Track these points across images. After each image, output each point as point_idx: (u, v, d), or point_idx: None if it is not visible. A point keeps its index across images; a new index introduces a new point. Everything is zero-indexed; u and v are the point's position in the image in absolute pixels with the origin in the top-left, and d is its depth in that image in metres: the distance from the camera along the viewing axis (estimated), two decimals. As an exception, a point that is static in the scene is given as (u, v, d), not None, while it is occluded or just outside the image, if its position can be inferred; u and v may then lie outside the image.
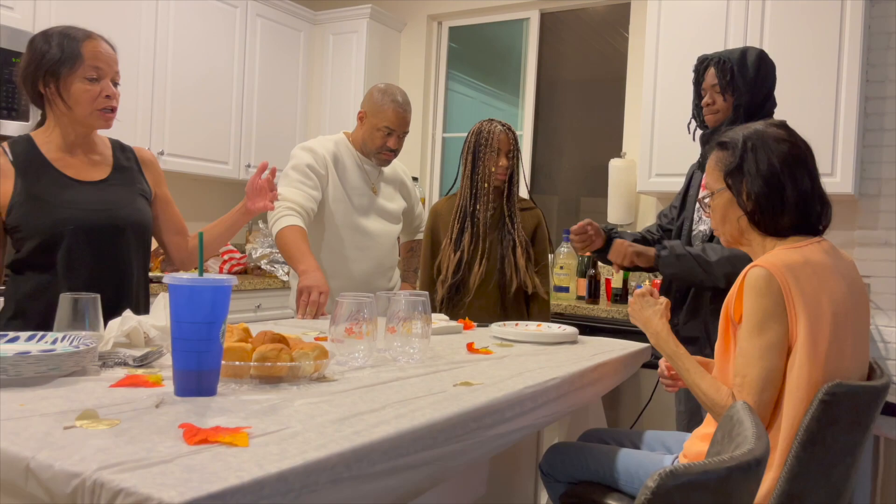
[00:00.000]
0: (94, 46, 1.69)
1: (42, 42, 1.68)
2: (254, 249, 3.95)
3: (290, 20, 4.22)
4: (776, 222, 1.48)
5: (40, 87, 1.68)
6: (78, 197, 1.71)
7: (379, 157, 2.51)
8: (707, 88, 2.19)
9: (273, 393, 1.16)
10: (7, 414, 0.95)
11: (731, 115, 2.14)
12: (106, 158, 1.82)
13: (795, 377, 1.35)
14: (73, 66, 1.66)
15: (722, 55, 2.17)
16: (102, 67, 1.70)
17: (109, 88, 1.72)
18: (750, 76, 2.12)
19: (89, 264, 1.71)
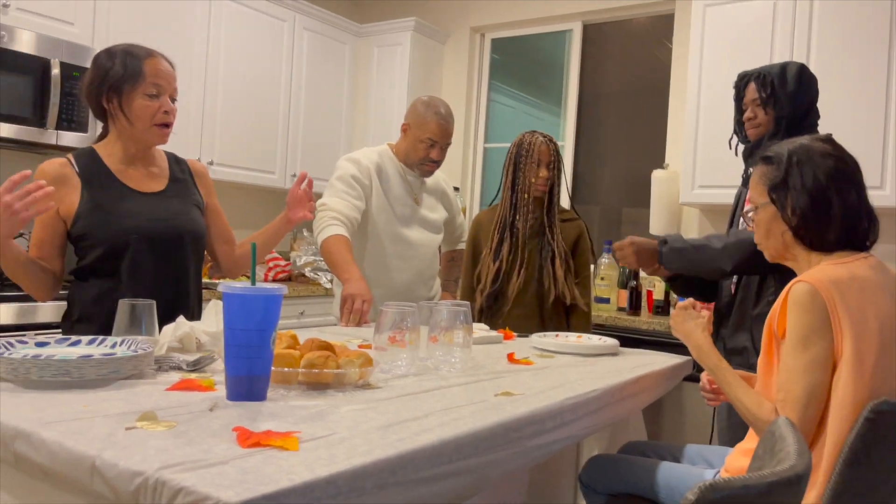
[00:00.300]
0: (154, 64, 1.77)
1: (106, 59, 1.76)
2: (298, 257, 4.03)
3: (336, 33, 4.31)
4: (822, 237, 1.47)
5: (104, 101, 1.76)
6: (140, 207, 1.79)
7: (422, 168, 2.55)
8: (748, 103, 2.19)
9: (320, 399, 1.20)
10: (73, 414, 1.01)
11: (773, 129, 2.13)
12: (163, 171, 1.90)
13: (840, 394, 1.34)
14: (135, 83, 1.74)
15: (762, 70, 2.18)
16: (162, 84, 1.78)
17: (167, 105, 1.79)
18: (790, 89, 2.11)
19: (151, 272, 1.78)
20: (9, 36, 2.74)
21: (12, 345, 1.32)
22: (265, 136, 3.93)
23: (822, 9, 3.08)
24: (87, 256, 1.76)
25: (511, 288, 2.44)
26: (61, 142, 2.90)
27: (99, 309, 1.75)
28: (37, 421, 0.96)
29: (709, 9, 3.34)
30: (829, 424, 1.34)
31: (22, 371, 1.15)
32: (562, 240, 2.47)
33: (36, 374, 1.15)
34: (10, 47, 2.73)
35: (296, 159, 4.11)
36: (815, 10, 3.09)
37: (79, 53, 2.93)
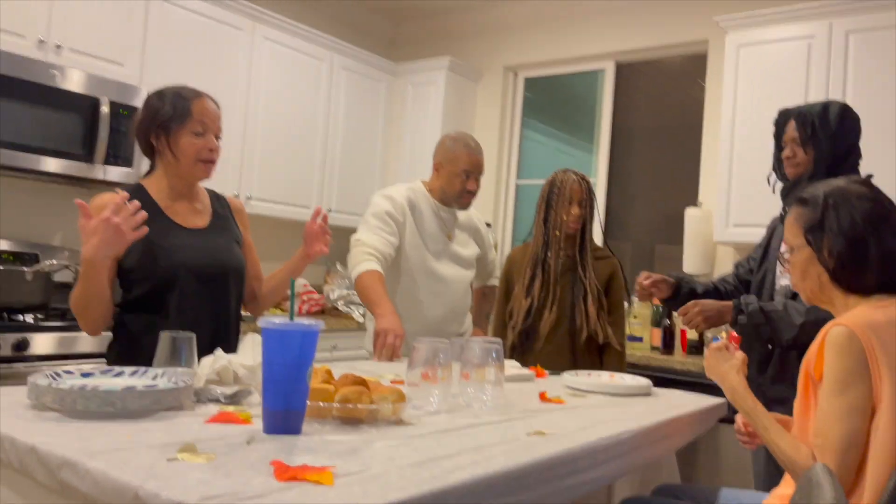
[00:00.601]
0: (201, 104, 1.86)
1: (157, 100, 1.86)
2: (331, 290, 4.07)
3: (372, 72, 4.41)
4: (859, 280, 1.46)
5: (152, 139, 1.85)
6: (187, 243, 1.85)
7: (460, 201, 2.59)
8: (788, 141, 2.17)
9: (354, 434, 1.22)
10: (116, 445, 1.04)
11: (812, 169, 2.11)
12: (206, 207, 1.97)
13: (880, 440, 1.32)
14: (183, 122, 1.83)
15: (803, 109, 2.16)
16: (208, 123, 1.86)
17: (212, 142, 1.87)
18: (831, 130, 2.10)
19: (197, 306, 1.83)
20: (61, 75, 2.87)
21: (59, 375, 1.36)
22: (302, 172, 4.01)
23: (856, 47, 3.08)
24: (135, 290, 1.81)
25: (542, 325, 2.44)
26: (108, 177, 3.00)
27: (145, 341, 1.78)
28: (82, 450, 0.99)
29: (742, 49, 3.36)
30: (868, 471, 1.31)
31: (68, 401, 1.19)
32: (594, 277, 2.47)
33: (81, 405, 1.19)
34: (62, 86, 2.86)
35: (331, 194, 4.19)
36: (851, 49, 3.09)
37: (127, 92, 3.05)
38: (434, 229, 2.59)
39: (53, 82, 2.84)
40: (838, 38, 3.12)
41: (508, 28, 4.57)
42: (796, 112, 2.16)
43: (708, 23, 3.72)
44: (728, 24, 3.40)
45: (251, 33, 3.69)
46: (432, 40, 4.89)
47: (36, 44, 2.85)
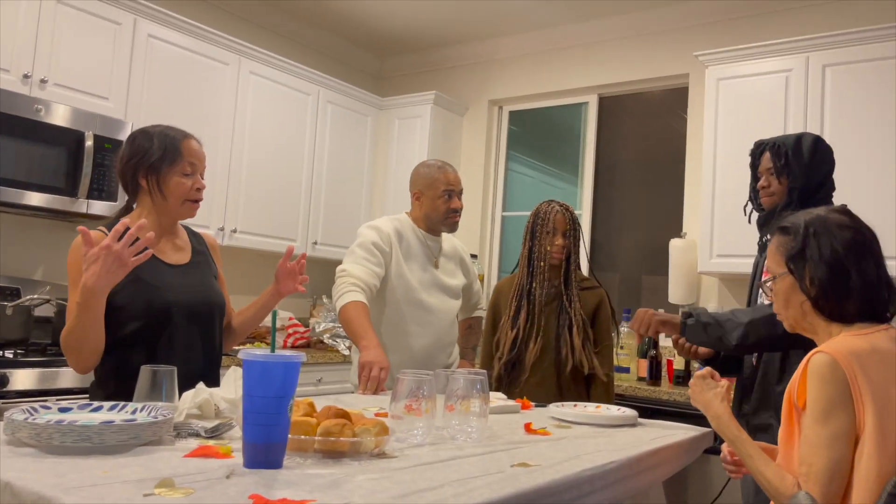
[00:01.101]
0: (189, 145, 1.88)
1: (144, 140, 1.85)
2: (317, 323, 4.05)
3: (358, 106, 4.45)
4: (841, 308, 1.47)
5: (140, 178, 1.84)
6: (173, 280, 1.84)
7: (447, 222, 2.61)
8: (763, 171, 2.22)
9: (336, 467, 1.20)
10: (92, 480, 1.02)
11: (787, 199, 2.15)
12: (186, 243, 1.97)
13: (864, 468, 1.31)
14: (174, 163, 1.84)
15: (777, 140, 2.21)
16: (196, 164, 1.88)
17: (200, 182, 1.89)
18: (805, 160, 2.14)
19: (188, 343, 1.83)
20: (45, 109, 2.87)
21: (36, 410, 1.34)
22: (288, 205, 4.02)
23: (833, 80, 3.15)
24: (123, 329, 1.77)
25: (528, 356, 2.44)
26: (91, 210, 2.99)
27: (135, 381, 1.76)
28: (58, 486, 0.97)
29: (722, 83, 3.42)
30: (853, 499, 1.31)
31: (44, 437, 1.17)
32: (580, 308, 2.47)
33: (58, 440, 1.17)
34: (46, 120, 2.86)
35: (317, 227, 4.19)
36: (828, 81, 3.15)
37: (111, 126, 3.06)
38: (421, 259, 2.60)
39: (38, 116, 2.84)
40: (815, 72, 3.19)
41: (493, 62, 4.64)
42: (771, 143, 2.21)
43: (688, 57, 3.79)
44: (708, 58, 3.47)
45: (237, 68, 3.72)
46: (418, 75, 4.95)
47: (20, 78, 2.86)
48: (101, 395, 1.79)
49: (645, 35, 4.06)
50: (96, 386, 1.84)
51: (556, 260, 2.48)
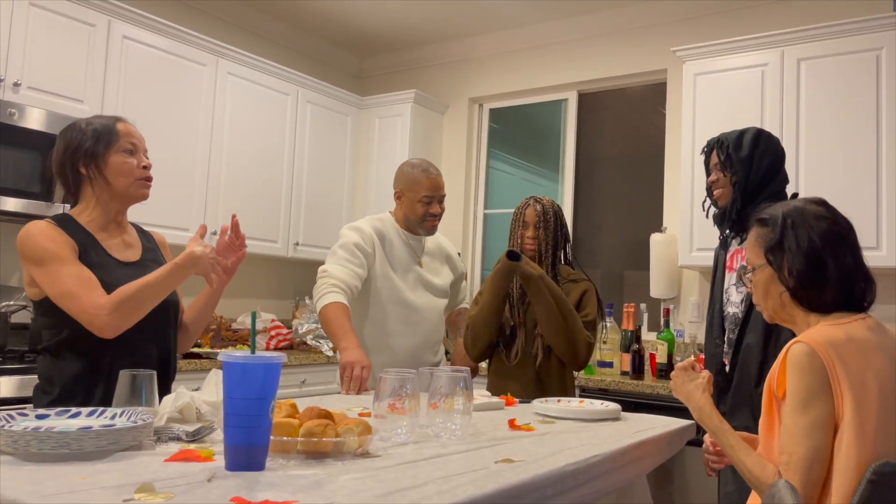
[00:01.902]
0: (125, 126, 1.82)
1: (75, 131, 1.79)
2: (300, 325, 4.03)
3: (338, 105, 4.44)
4: (819, 298, 1.49)
5: (80, 168, 1.77)
6: (125, 277, 1.74)
7: (424, 225, 2.60)
8: (712, 168, 2.27)
9: (319, 468, 1.20)
10: (70, 487, 1.00)
11: (733, 193, 2.19)
12: (135, 240, 1.89)
13: (844, 456, 1.33)
14: (110, 143, 1.77)
15: (722, 136, 2.25)
16: (136, 143, 1.81)
17: (144, 160, 1.82)
18: (744, 154, 2.18)
19: (139, 343, 1.75)
20: (19, 113, 2.83)
21: (13, 417, 1.32)
22: (268, 206, 4.00)
23: (808, 73, 3.18)
24: (68, 329, 1.69)
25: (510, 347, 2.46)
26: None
27: (84, 384, 1.70)
28: (35, 494, 0.96)
29: (699, 77, 3.45)
30: (833, 487, 1.32)
31: (22, 444, 1.15)
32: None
33: (35, 447, 1.15)
34: (20, 124, 2.82)
35: (298, 228, 4.17)
36: (803, 75, 3.19)
37: (88, 129, 3.02)
38: (404, 258, 2.59)
39: (12, 121, 2.80)
40: (790, 66, 3.22)
41: (473, 60, 4.64)
42: (716, 140, 2.26)
43: (666, 53, 3.82)
44: (685, 54, 3.49)
45: (214, 69, 3.69)
46: (398, 73, 4.94)
47: (-6, 82, 2.82)
48: (44, 400, 1.71)
49: (623, 31, 4.08)
50: (40, 391, 1.75)
51: (529, 251, 2.49)
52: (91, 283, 1.66)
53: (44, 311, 1.73)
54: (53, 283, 1.65)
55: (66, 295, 1.64)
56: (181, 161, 3.53)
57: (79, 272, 1.67)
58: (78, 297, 1.64)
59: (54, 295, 1.66)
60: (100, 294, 1.65)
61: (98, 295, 1.65)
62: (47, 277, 1.66)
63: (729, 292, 2.25)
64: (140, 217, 3.22)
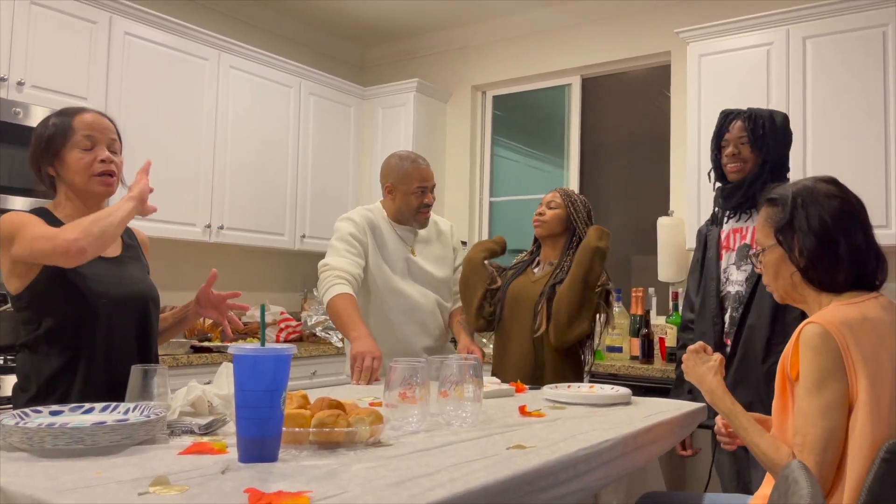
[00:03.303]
0: (83, 118, 1.75)
1: (41, 128, 1.76)
2: (309, 317, 4.04)
3: (340, 97, 4.42)
4: (831, 278, 1.48)
5: (47, 167, 1.74)
6: (104, 272, 1.73)
7: (418, 217, 2.60)
8: (732, 140, 2.19)
9: (331, 458, 1.20)
10: (85, 482, 1.01)
11: (757, 171, 2.15)
12: None
13: (858, 436, 1.33)
14: (66, 139, 1.72)
15: (752, 111, 2.19)
16: (95, 136, 1.74)
17: (104, 154, 1.74)
18: (780, 135, 2.16)
19: (123, 338, 1.73)
20: (24, 112, 2.83)
21: (27, 414, 1.33)
22: (274, 199, 4.00)
23: (814, 51, 3.15)
24: (46, 323, 1.67)
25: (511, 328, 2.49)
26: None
27: (62, 381, 1.67)
28: (51, 489, 0.96)
29: (703, 59, 3.42)
30: (847, 467, 1.32)
31: (36, 440, 1.16)
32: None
33: (50, 443, 1.16)
34: (25, 123, 2.82)
35: (304, 221, 4.17)
36: (809, 54, 3.16)
37: (92, 126, 3.02)
38: (395, 247, 2.59)
39: (17, 119, 2.81)
40: (796, 44, 3.19)
41: (475, 48, 4.62)
42: (747, 113, 2.19)
43: (669, 34, 3.78)
44: (689, 35, 3.46)
45: (216, 63, 3.68)
46: (400, 63, 4.92)
47: (-3, 82, 2.82)
48: (22, 398, 1.68)
49: (626, 14, 4.05)
50: (19, 389, 1.72)
51: (538, 228, 2.53)
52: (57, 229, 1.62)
53: (22, 306, 1.69)
54: (25, 238, 1.60)
55: (35, 238, 1.59)
56: (186, 156, 3.53)
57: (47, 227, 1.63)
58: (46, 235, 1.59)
59: (27, 248, 1.59)
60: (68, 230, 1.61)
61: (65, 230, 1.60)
62: (22, 240, 1.60)
63: (728, 271, 2.22)
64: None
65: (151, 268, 1.96)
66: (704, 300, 2.26)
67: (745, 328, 2.12)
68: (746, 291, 2.13)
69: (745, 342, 2.12)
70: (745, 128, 2.16)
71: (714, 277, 2.24)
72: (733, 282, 2.20)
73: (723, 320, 2.21)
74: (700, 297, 2.30)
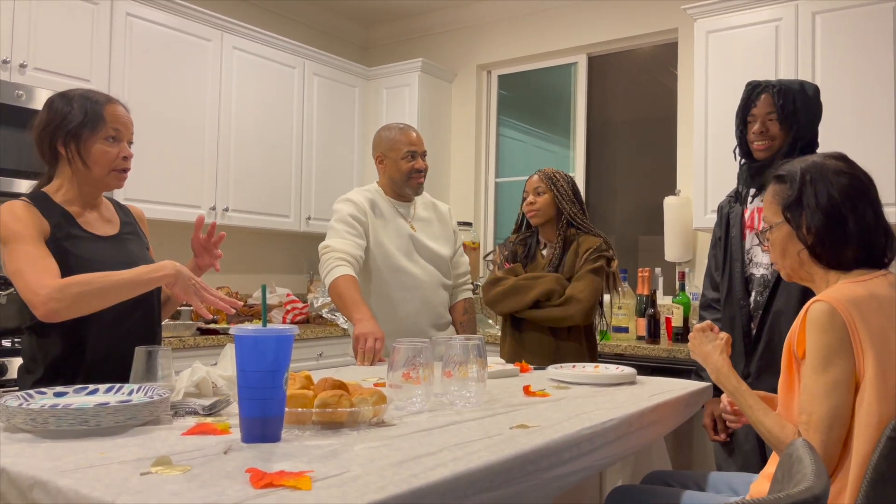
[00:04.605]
0: (114, 110, 1.74)
1: (63, 104, 1.71)
2: (315, 299, 4.04)
3: (345, 77, 4.40)
4: (838, 256, 1.46)
5: (59, 146, 1.71)
6: (104, 252, 1.73)
7: (410, 183, 2.59)
8: (759, 115, 2.05)
9: (334, 438, 1.20)
10: (89, 462, 1.01)
11: (787, 149, 2.01)
12: (113, 214, 1.86)
13: (865, 414, 1.32)
14: (95, 128, 1.70)
15: (782, 83, 2.05)
16: (121, 130, 1.74)
17: (126, 150, 1.76)
18: (812, 109, 2.03)
19: (118, 321, 1.72)
20: (27, 95, 2.83)
21: (31, 395, 1.33)
22: (279, 181, 3.99)
23: (823, 27, 3.10)
24: None
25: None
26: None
27: (68, 363, 1.67)
28: (53, 469, 0.97)
29: (711, 35, 3.37)
30: (853, 445, 1.31)
31: (40, 421, 1.17)
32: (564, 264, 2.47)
33: (53, 424, 1.16)
34: (28, 106, 2.81)
35: (309, 202, 4.16)
36: (818, 29, 3.11)
37: (95, 109, 3.01)
38: (396, 225, 2.58)
39: (20, 102, 2.80)
40: (805, 20, 3.14)
41: (480, 26, 4.57)
42: (776, 86, 2.03)
43: (676, 11, 3.73)
44: (696, 11, 3.42)
45: (219, 44, 3.66)
46: (404, 43, 4.88)
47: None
48: (28, 380, 1.69)
49: (632, -9, 3.99)
50: (24, 371, 1.73)
51: (533, 219, 2.51)
52: (44, 265, 1.59)
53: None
54: (9, 261, 1.60)
55: (15, 272, 1.59)
56: (190, 138, 3.52)
57: (35, 252, 1.60)
58: (24, 275, 1.57)
59: (8, 272, 1.61)
60: (51, 276, 1.58)
61: (48, 276, 1.58)
62: (7, 256, 1.61)
63: (752, 252, 2.13)
64: (150, 195, 3.24)
65: (157, 250, 1.96)
66: (731, 283, 2.16)
67: (770, 314, 2.03)
68: (772, 275, 2.03)
69: (769, 328, 2.03)
70: (773, 103, 2.02)
71: (738, 259, 2.14)
72: (757, 264, 2.10)
73: (748, 303, 2.11)
74: (726, 278, 2.19)
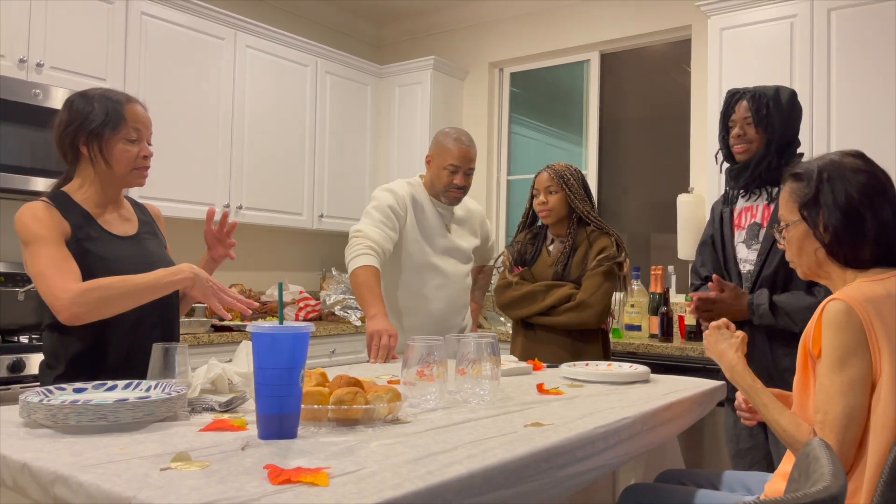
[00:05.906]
0: (134, 109, 1.77)
1: (83, 103, 1.74)
2: (328, 296, 4.06)
3: (357, 75, 4.41)
4: (856, 254, 1.45)
5: (81, 146, 1.73)
6: (124, 251, 1.75)
7: (447, 195, 2.59)
8: (738, 121, 2.19)
9: (350, 435, 1.21)
10: (109, 457, 1.03)
11: (763, 151, 2.14)
12: (132, 214, 1.88)
13: (881, 414, 1.31)
14: (117, 128, 1.72)
15: (757, 90, 2.18)
16: (141, 129, 1.77)
17: (147, 149, 1.79)
18: (784, 113, 2.13)
19: (138, 319, 1.74)
20: (43, 94, 2.85)
21: (51, 391, 1.35)
22: (292, 179, 4.01)
23: (839, 24, 3.08)
24: None
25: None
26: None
27: (90, 359, 1.69)
28: (75, 465, 0.98)
29: (725, 32, 3.35)
30: (869, 445, 1.31)
31: (60, 417, 1.18)
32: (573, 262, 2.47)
33: (74, 420, 1.18)
34: (45, 104, 2.84)
35: (322, 200, 4.18)
36: (833, 26, 3.09)
37: (111, 107, 3.03)
38: (434, 223, 2.59)
39: (36, 101, 2.83)
40: (820, 16, 3.12)
41: (492, 24, 4.57)
42: (751, 92, 2.17)
43: (690, 8, 3.72)
44: (709, 8, 3.40)
45: (233, 42, 3.68)
46: (416, 40, 4.88)
47: (16, 63, 2.84)
48: (50, 376, 1.71)
49: (645, -12, 3.98)
50: (45, 367, 1.75)
51: (545, 218, 2.50)
52: (66, 268, 1.62)
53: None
54: (31, 263, 1.63)
55: (38, 275, 1.61)
56: (203, 136, 3.54)
57: (57, 255, 1.63)
58: (47, 278, 1.60)
59: (31, 275, 1.64)
60: (73, 279, 1.61)
61: (70, 279, 1.61)
62: (29, 258, 1.64)
63: (737, 249, 2.23)
64: (166, 193, 3.27)
65: (172, 248, 1.98)
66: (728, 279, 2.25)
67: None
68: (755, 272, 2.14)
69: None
70: (749, 108, 2.15)
71: (731, 257, 2.25)
72: (741, 260, 2.21)
73: None
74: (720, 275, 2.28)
